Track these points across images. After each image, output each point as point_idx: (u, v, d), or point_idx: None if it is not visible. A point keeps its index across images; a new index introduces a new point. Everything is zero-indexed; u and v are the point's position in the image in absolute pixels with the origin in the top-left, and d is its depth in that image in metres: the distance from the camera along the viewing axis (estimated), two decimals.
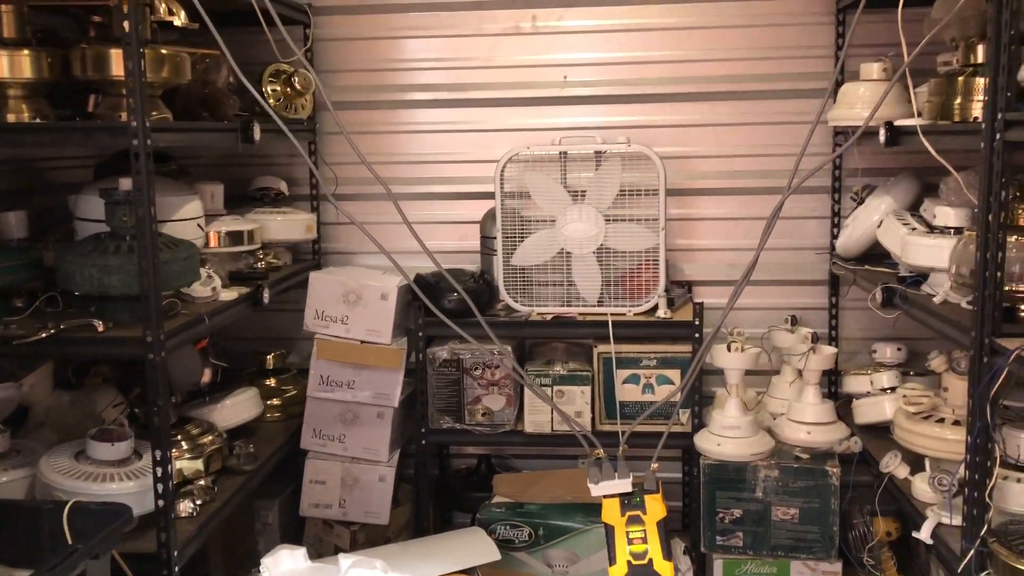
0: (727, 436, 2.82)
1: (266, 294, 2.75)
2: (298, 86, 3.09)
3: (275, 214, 3.16)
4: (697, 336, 2.93)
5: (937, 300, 2.35)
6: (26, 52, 2.16)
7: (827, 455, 2.82)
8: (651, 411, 2.56)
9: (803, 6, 3.19)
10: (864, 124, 2.12)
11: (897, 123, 2.52)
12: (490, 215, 3.14)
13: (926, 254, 2.45)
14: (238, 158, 3.37)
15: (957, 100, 2.32)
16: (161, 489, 2.18)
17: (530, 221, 3.03)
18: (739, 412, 2.83)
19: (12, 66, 2.15)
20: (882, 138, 2.53)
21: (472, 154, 3.38)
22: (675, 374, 2.98)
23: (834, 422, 2.89)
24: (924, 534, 2.29)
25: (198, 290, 2.50)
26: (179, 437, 2.59)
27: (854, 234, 2.99)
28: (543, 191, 2.98)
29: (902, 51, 2.32)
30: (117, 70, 2.12)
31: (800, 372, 2.97)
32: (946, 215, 2.44)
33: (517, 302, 3.04)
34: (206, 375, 2.93)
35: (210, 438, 2.66)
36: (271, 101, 3.02)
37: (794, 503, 2.78)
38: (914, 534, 2.34)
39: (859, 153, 2.28)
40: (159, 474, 2.18)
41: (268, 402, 3.16)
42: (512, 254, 3.02)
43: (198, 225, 2.63)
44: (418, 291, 2.28)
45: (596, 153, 2.99)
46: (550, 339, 3.26)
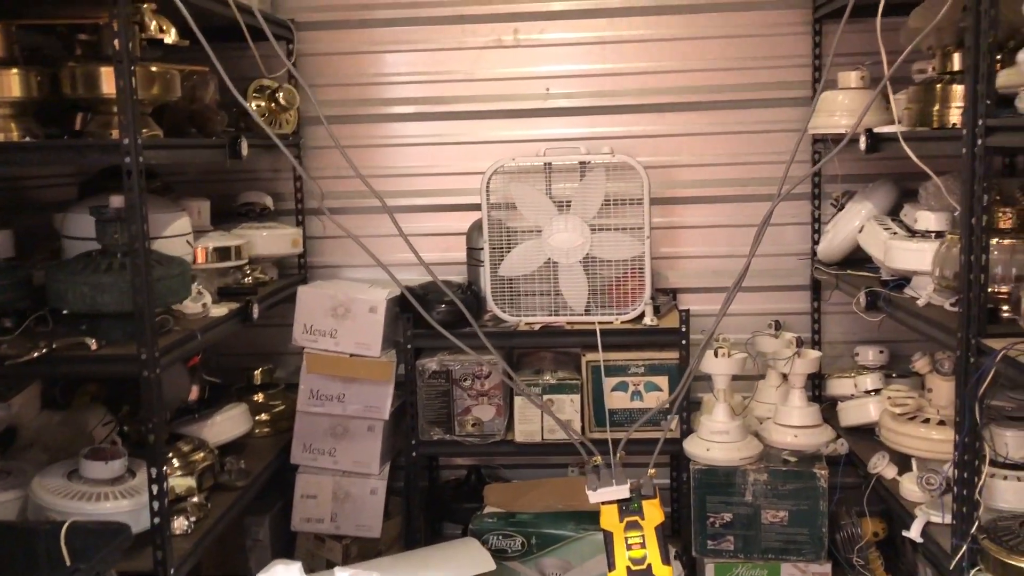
0: (716, 441, 2.85)
1: (256, 309, 2.75)
2: (282, 101, 3.10)
3: (261, 229, 3.16)
4: (684, 343, 2.97)
5: (921, 303, 2.39)
6: (15, 71, 2.15)
7: (814, 458, 2.86)
8: (647, 417, 2.60)
9: (780, 17, 3.25)
10: (850, 132, 2.17)
11: (878, 130, 2.57)
12: (476, 226, 3.16)
13: (909, 258, 2.49)
14: (222, 174, 3.37)
15: (935, 107, 2.38)
16: (157, 507, 2.18)
17: (516, 232, 3.05)
18: (727, 417, 2.87)
19: (1, 85, 2.14)
20: (863, 145, 2.58)
21: (456, 166, 3.41)
22: (663, 381, 3.01)
23: (820, 425, 2.93)
24: (914, 533, 2.33)
25: (189, 306, 2.50)
26: (170, 454, 2.58)
27: (835, 239, 3.04)
28: (529, 202, 3.01)
29: (880, 60, 2.36)
30: (107, 88, 2.12)
31: (785, 376, 3.02)
32: (927, 219, 2.49)
33: (505, 312, 3.06)
34: (194, 392, 2.92)
35: (202, 455, 2.65)
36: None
37: (783, 506, 2.81)
38: (904, 533, 2.37)
39: (838, 160, 2.33)
40: (155, 491, 2.17)
41: (256, 417, 3.15)
42: (499, 265, 3.04)
43: (187, 242, 2.63)
44: (413, 301, 2.30)
45: (580, 164, 3.02)
46: (538, 349, 3.29)
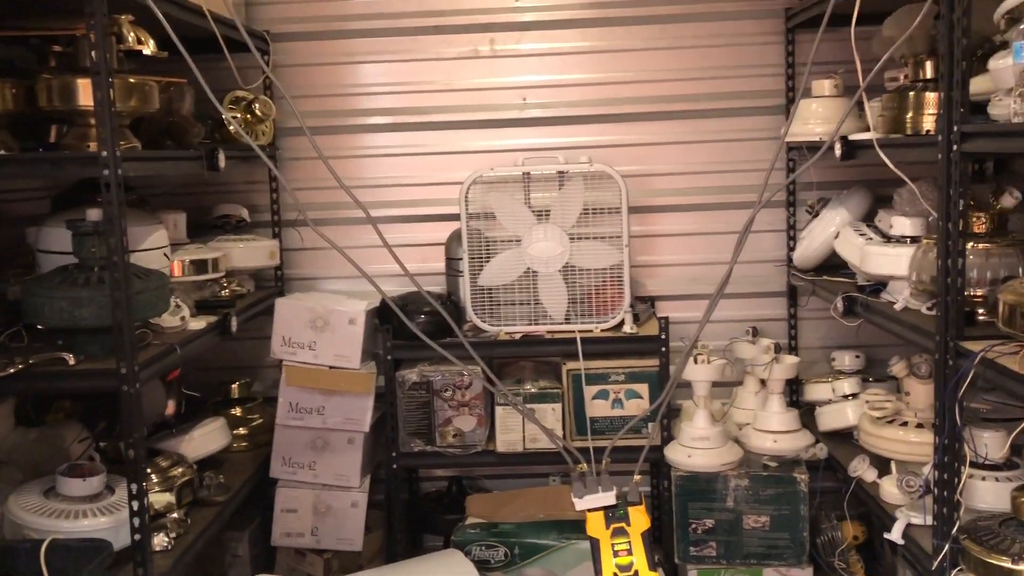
0: (697, 447, 2.87)
1: (234, 322, 2.73)
2: (258, 112, 3.08)
3: (238, 241, 3.14)
4: (664, 350, 2.98)
5: (898, 307, 2.42)
6: None
7: (794, 462, 2.88)
8: (631, 424, 2.61)
9: (754, 27, 3.29)
10: (829, 140, 2.19)
11: (853, 137, 2.60)
12: (455, 236, 3.16)
13: (885, 263, 2.52)
14: (198, 186, 3.35)
15: (909, 114, 2.42)
16: (138, 523, 2.14)
17: (495, 241, 3.05)
18: (708, 423, 2.88)
19: None
20: (838, 152, 2.61)
21: (433, 177, 3.41)
22: (643, 388, 3.02)
23: (799, 430, 2.96)
24: (895, 535, 2.35)
25: (167, 320, 2.47)
26: (149, 470, 2.54)
27: (811, 246, 3.07)
28: (507, 211, 3.01)
29: (851, 68, 2.39)
30: (85, 100, 2.09)
31: (763, 382, 3.04)
32: (903, 225, 2.53)
33: (485, 323, 3.06)
34: (170, 407, 2.89)
35: (180, 470, 2.62)
36: (231, 128, 3.00)
37: (765, 511, 2.83)
38: (885, 535, 2.40)
39: (813, 167, 2.36)
40: (135, 508, 2.14)
41: (234, 432, 3.11)
42: (479, 275, 3.04)
43: (164, 255, 2.60)
44: (397, 311, 2.29)
45: (559, 173, 3.03)
46: (518, 358, 3.29)
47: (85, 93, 2.09)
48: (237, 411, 3.23)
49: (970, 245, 2.13)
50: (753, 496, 2.82)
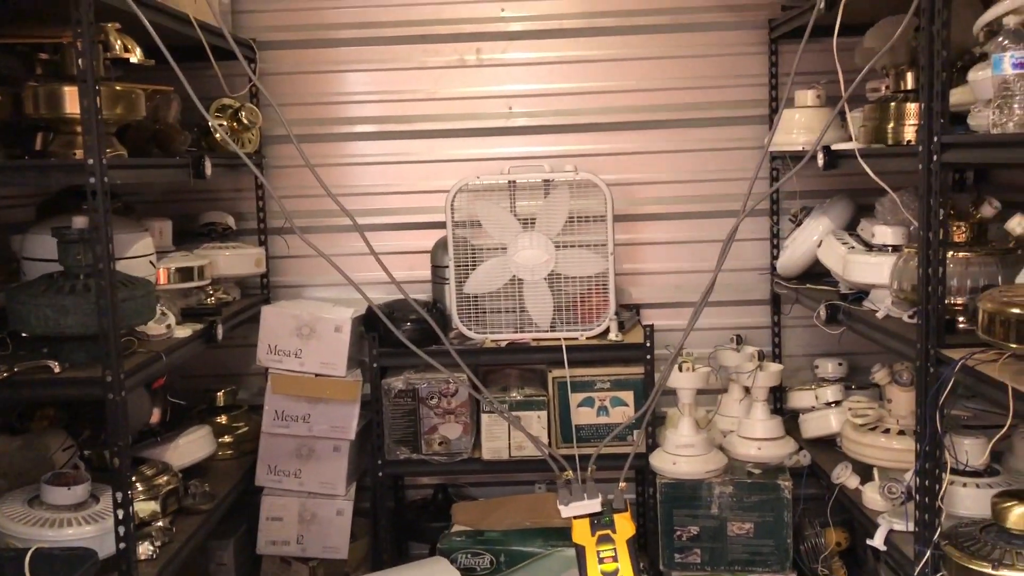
0: (682, 455, 2.88)
1: (220, 330, 2.73)
2: (244, 120, 3.08)
3: (224, 249, 3.14)
4: (648, 358, 3.00)
5: (880, 315, 2.45)
6: None
7: (778, 469, 2.90)
8: (617, 432, 2.62)
9: (738, 38, 3.33)
10: (812, 149, 2.22)
11: (835, 147, 2.63)
12: (441, 244, 3.17)
13: (867, 271, 2.55)
14: (183, 194, 3.34)
15: (890, 124, 2.44)
16: (123, 531, 2.14)
17: (481, 249, 3.06)
18: (693, 431, 2.90)
19: None
20: (821, 162, 2.64)
21: (419, 185, 3.42)
22: (628, 396, 3.04)
23: (783, 437, 2.98)
24: (877, 541, 2.37)
25: (153, 328, 2.47)
26: (134, 478, 2.53)
27: (794, 255, 3.10)
28: (493, 220, 3.03)
29: (837, 78, 2.42)
30: (71, 107, 2.10)
31: (748, 390, 3.06)
32: (884, 234, 2.56)
33: (471, 330, 3.07)
34: (155, 415, 2.88)
35: (165, 478, 2.61)
36: (217, 136, 3.00)
37: (749, 518, 2.85)
38: (868, 542, 2.42)
39: (796, 176, 2.38)
40: (120, 516, 2.14)
41: (220, 440, 3.11)
42: (464, 282, 3.05)
43: (150, 262, 2.60)
44: (384, 318, 2.29)
45: (544, 181, 3.05)
46: (504, 366, 3.29)
47: (72, 101, 2.09)
48: (222, 419, 3.22)
49: (950, 254, 2.16)
50: (737, 503, 2.84)
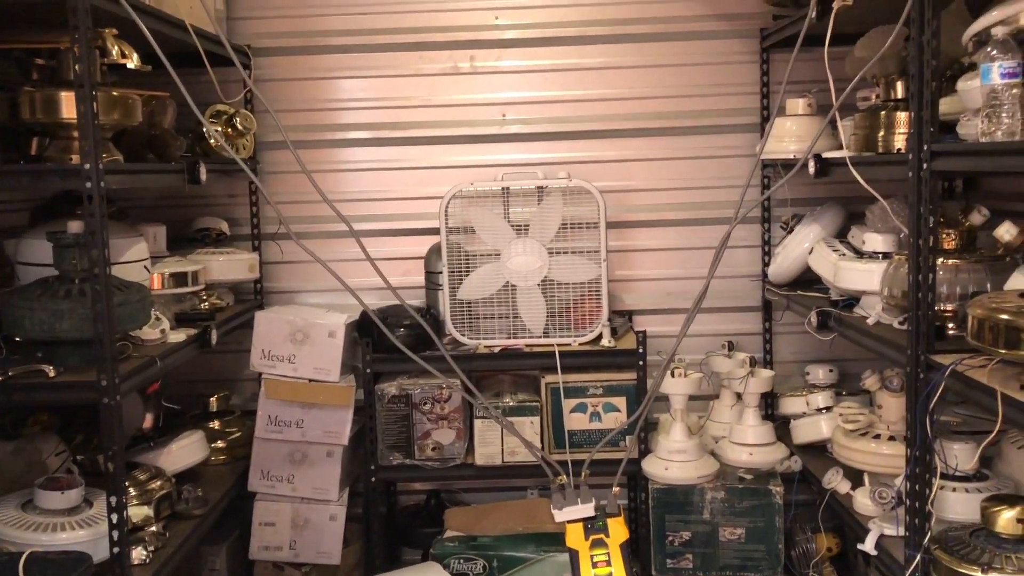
0: (674, 460, 2.90)
1: (214, 335, 2.74)
2: (239, 126, 3.09)
3: (217, 255, 3.14)
4: (641, 364, 3.01)
5: (870, 322, 2.47)
6: None
7: (770, 475, 2.92)
8: (610, 437, 2.63)
9: (730, 46, 3.35)
10: (803, 158, 2.24)
11: (826, 155, 2.65)
12: (435, 250, 3.18)
13: (858, 278, 2.57)
14: (177, 199, 3.35)
15: (880, 133, 2.47)
16: (116, 536, 2.14)
17: (475, 255, 3.08)
18: (685, 436, 2.92)
19: None
20: (812, 170, 2.66)
21: (413, 191, 3.43)
22: (621, 401, 3.05)
23: (774, 443, 3.00)
24: (868, 546, 2.39)
25: (147, 332, 2.47)
26: (127, 483, 2.53)
27: (785, 262, 3.12)
28: (487, 226, 3.04)
29: (828, 87, 2.44)
30: (68, 112, 2.11)
31: (739, 395, 3.08)
32: (875, 241, 2.58)
33: (464, 336, 3.08)
34: (148, 420, 2.88)
35: (158, 483, 2.61)
36: (212, 142, 3.01)
37: (740, 523, 2.86)
38: (859, 546, 2.43)
39: (787, 184, 2.41)
40: (114, 521, 2.14)
41: (213, 445, 3.11)
42: (458, 288, 3.06)
43: (144, 267, 2.60)
44: (379, 323, 2.30)
45: (538, 188, 3.06)
46: (497, 372, 3.30)
47: (68, 106, 2.10)
48: (216, 424, 3.23)
49: (940, 261, 2.18)
50: (729, 508, 2.86)
